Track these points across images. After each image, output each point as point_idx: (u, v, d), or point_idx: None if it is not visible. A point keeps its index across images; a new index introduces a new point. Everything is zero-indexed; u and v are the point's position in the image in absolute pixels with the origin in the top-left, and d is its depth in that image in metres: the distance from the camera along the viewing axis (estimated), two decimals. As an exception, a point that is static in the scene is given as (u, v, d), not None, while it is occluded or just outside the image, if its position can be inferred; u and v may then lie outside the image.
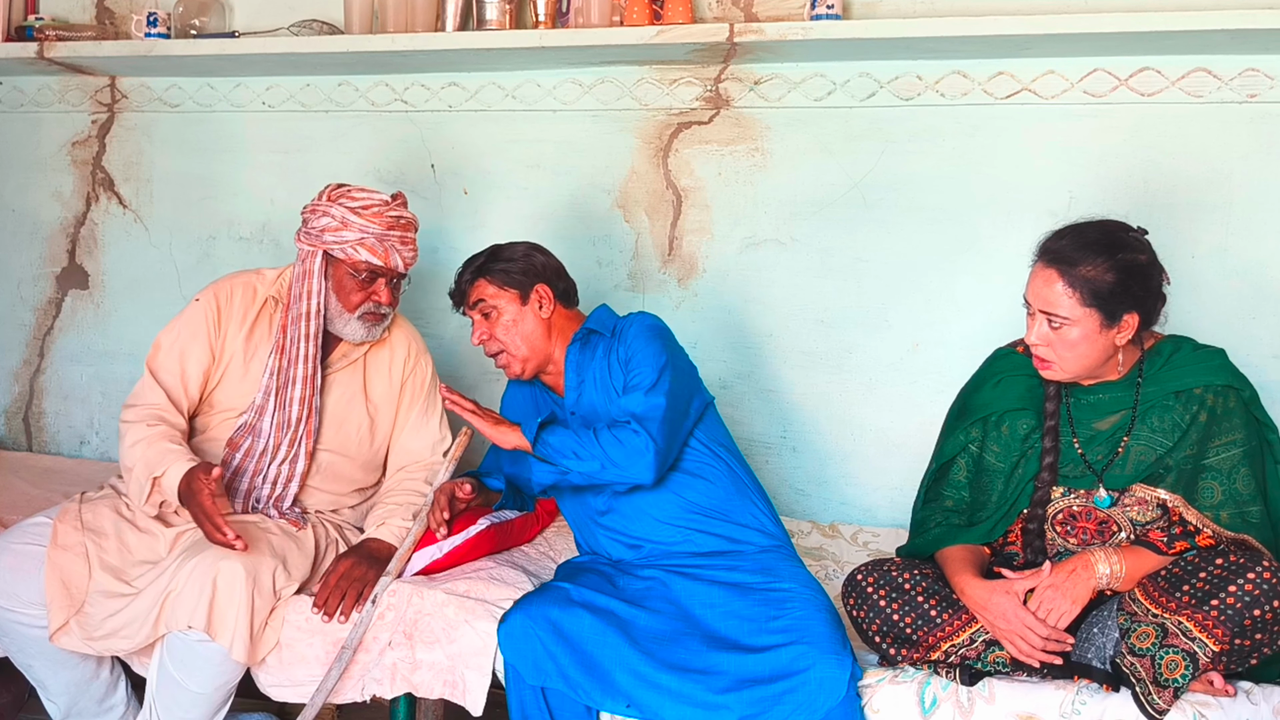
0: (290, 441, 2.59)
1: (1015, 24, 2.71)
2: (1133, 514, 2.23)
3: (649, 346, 2.50)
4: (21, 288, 3.73)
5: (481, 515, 2.64)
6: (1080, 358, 2.20)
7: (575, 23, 3.05)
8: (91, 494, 2.66)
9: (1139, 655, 2.04)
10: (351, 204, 2.56)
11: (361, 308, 2.61)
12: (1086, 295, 2.14)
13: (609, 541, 2.54)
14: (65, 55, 3.33)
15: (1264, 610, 1.99)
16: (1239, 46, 2.75)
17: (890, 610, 2.22)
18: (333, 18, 3.26)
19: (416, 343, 2.82)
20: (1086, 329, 2.17)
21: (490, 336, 2.59)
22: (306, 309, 2.58)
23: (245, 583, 2.33)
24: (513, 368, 2.61)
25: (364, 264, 2.56)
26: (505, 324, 2.58)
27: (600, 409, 2.52)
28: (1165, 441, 2.22)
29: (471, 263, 2.64)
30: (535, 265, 2.61)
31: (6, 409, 3.77)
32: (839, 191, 3.08)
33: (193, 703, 2.40)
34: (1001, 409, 2.36)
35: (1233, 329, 2.72)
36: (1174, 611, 2.03)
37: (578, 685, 2.25)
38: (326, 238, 2.56)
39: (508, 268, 2.59)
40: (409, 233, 2.62)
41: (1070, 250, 2.18)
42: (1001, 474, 2.34)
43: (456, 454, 2.61)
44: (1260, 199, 2.84)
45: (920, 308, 3.06)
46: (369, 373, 2.73)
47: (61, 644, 2.44)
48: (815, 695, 2.13)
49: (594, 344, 2.59)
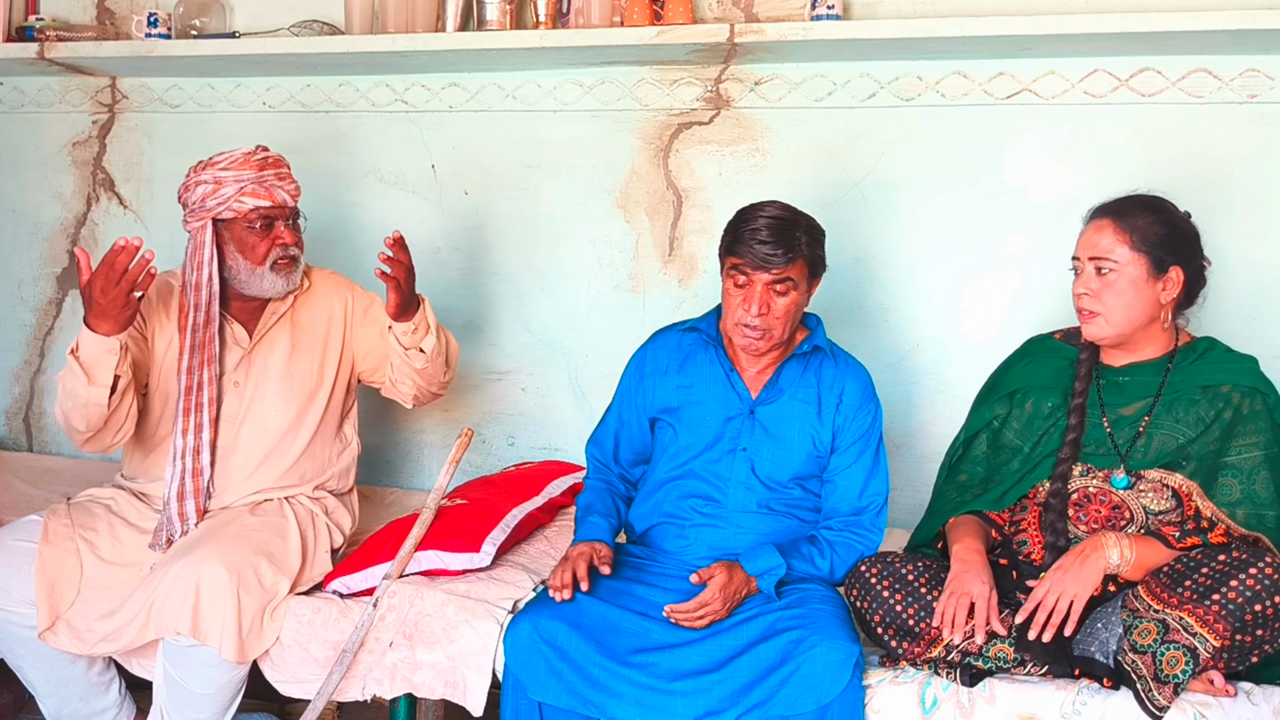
0: (186, 410, 2.56)
1: (1015, 24, 2.71)
2: (1146, 500, 2.23)
3: (875, 426, 2.49)
4: (22, 288, 3.73)
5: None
6: (1126, 306, 2.22)
7: (575, 23, 3.05)
8: (86, 493, 2.66)
9: (1140, 652, 2.04)
10: (217, 166, 2.57)
11: (270, 256, 2.60)
12: (1136, 240, 2.21)
13: (694, 534, 2.47)
14: (66, 56, 3.33)
15: (1265, 605, 1.99)
16: (1239, 47, 2.75)
17: (893, 601, 2.22)
18: (333, 18, 3.26)
19: (341, 280, 2.82)
20: (1134, 275, 2.21)
21: (767, 312, 2.38)
22: (198, 279, 2.58)
23: (229, 582, 2.34)
24: (761, 346, 2.42)
25: (253, 211, 2.56)
26: (787, 305, 2.39)
27: (784, 433, 2.45)
28: (1188, 432, 2.24)
29: (787, 227, 2.38)
30: (824, 252, 2.46)
31: (6, 409, 3.77)
32: (839, 192, 3.08)
33: (199, 703, 2.41)
34: (1028, 386, 2.40)
35: (1233, 329, 2.71)
36: (1175, 606, 2.03)
37: (587, 701, 2.24)
38: (209, 204, 2.56)
39: (818, 247, 2.43)
40: (282, 168, 2.63)
41: (1121, 205, 2.27)
42: (1020, 451, 2.36)
43: (457, 456, 2.60)
44: (1261, 199, 2.85)
45: (920, 308, 3.06)
46: (302, 324, 2.72)
47: (50, 643, 2.44)
48: (819, 676, 2.13)
49: (815, 362, 2.51)
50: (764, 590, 2.35)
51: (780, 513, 2.46)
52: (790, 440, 2.46)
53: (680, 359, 2.56)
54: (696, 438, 2.50)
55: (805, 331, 2.54)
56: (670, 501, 2.51)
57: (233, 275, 2.62)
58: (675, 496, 2.50)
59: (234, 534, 2.47)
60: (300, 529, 2.58)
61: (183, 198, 2.62)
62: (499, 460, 3.35)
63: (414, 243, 3.30)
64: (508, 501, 2.73)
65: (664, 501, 2.52)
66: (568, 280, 3.30)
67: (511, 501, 2.74)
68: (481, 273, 3.35)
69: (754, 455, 2.46)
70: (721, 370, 2.51)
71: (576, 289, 3.29)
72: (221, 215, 2.56)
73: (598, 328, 3.26)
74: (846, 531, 2.44)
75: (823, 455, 2.48)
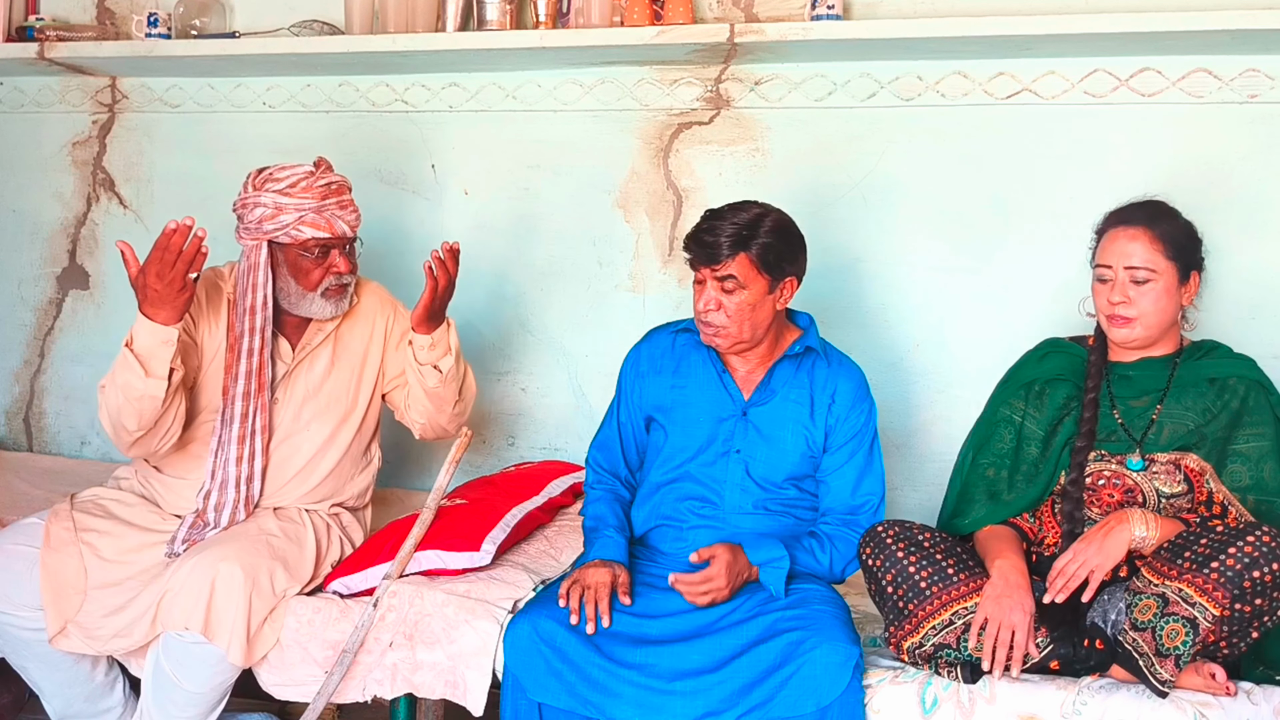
0: (241, 438, 2.55)
1: (1016, 24, 2.71)
2: (1159, 482, 2.26)
3: (869, 425, 2.49)
4: (22, 288, 3.73)
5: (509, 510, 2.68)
6: (1161, 312, 2.28)
7: (576, 23, 3.05)
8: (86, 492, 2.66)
9: (1141, 629, 2.06)
10: (277, 186, 2.51)
11: (323, 283, 2.57)
12: (1169, 248, 2.28)
13: (692, 535, 2.46)
14: (66, 56, 3.33)
15: (1264, 572, 2.00)
16: (1239, 47, 2.75)
17: (908, 562, 2.22)
18: (333, 18, 3.26)
19: (385, 297, 2.78)
20: (1168, 282, 2.28)
21: (718, 309, 2.39)
22: (253, 302, 2.54)
23: (244, 585, 2.33)
24: (720, 342, 2.43)
25: (312, 241, 2.52)
26: (740, 304, 2.38)
27: (778, 434, 2.45)
28: (1198, 419, 2.28)
29: (730, 225, 2.37)
30: (798, 255, 2.44)
31: (7, 409, 3.77)
32: (839, 192, 3.08)
33: (188, 701, 2.40)
34: (1043, 378, 2.43)
35: (1233, 329, 2.72)
36: (1175, 578, 2.05)
37: (586, 701, 2.24)
38: (266, 227, 2.51)
39: (772, 248, 2.38)
40: (344, 196, 2.57)
41: (1146, 213, 2.33)
42: (1038, 440, 2.38)
43: (457, 456, 2.60)
44: (1261, 199, 2.85)
45: (920, 308, 3.06)
46: (345, 343, 2.69)
47: (62, 647, 2.44)
48: (819, 678, 2.13)
49: (808, 363, 2.50)
50: (771, 587, 2.34)
51: (777, 513, 2.47)
52: (784, 441, 2.46)
53: (674, 360, 2.56)
54: (690, 439, 2.50)
55: (798, 331, 2.54)
56: (668, 504, 2.51)
57: (281, 295, 2.58)
58: (673, 499, 2.51)
59: (254, 536, 2.47)
60: (316, 539, 2.59)
61: (238, 210, 2.58)
62: (499, 460, 3.35)
63: (414, 243, 3.33)
64: (507, 501, 2.73)
65: (662, 504, 2.52)
66: (568, 280, 3.30)
67: (511, 501, 2.74)
68: (481, 273, 3.35)
69: (748, 457, 2.46)
70: (714, 371, 2.51)
71: (576, 289, 3.29)
72: (277, 239, 2.53)
73: (598, 328, 3.26)
74: (845, 528, 2.45)
75: (816, 455, 2.48)
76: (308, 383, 2.65)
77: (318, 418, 2.65)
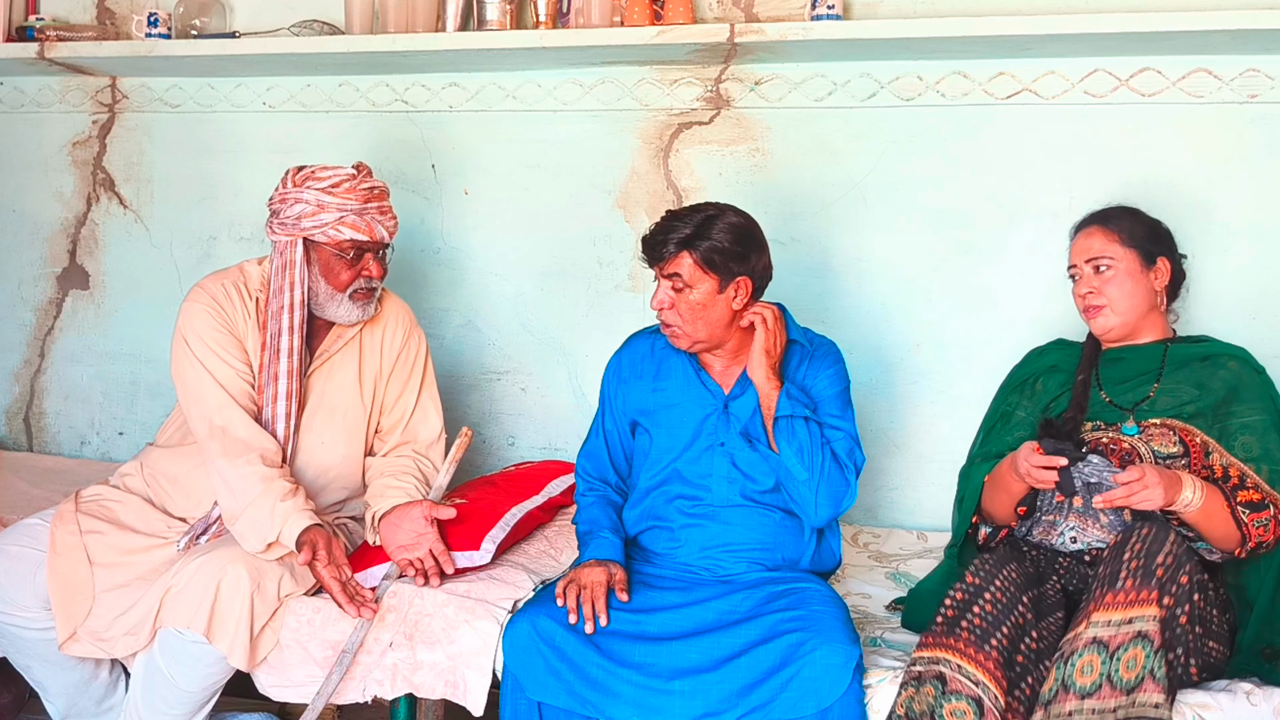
0: (285, 439, 2.54)
1: (1016, 24, 2.72)
2: (1155, 444, 2.31)
3: (846, 391, 2.49)
4: (22, 288, 3.73)
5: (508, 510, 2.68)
6: (1128, 295, 2.40)
7: (576, 23, 3.05)
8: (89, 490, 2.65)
9: (1099, 690, 1.97)
10: (320, 184, 2.51)
11: (352, 286, 2.56)
12: (1124, 237, 2.42)
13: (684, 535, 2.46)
14: (66, 56, 3.33)
15: (1165, 555, 2.02)
16: (1239, 47, 2.75)
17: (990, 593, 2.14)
18: (333, 18, 3.26)
19: (409, 317, 2.77)
20: (1129, 267, 2.40)
21: (671, 306, 2.41)
22: (289, 300, 2.53)
23: (249, 588, 2.33)
24: (679, 342, 2.45)
25: (349, 242, 2.51)
26: (691, 303, 2.40)
27: (760, 423, 2.44)
28: (1193, 391, 2.35)
29: (681, 225, 2.40)
30: (750, 256, 2.42)
31: (7, 409, 3.77)
32: (839, 191, 3.08)
33: (178, 699, 2.39)
34: (1039, 371, 2.53)
35: (1233, 329, 2.72)
36: (1104, 609, 2.00)
37: (585, 701, 2.24)
38: (305, 224, 2.50)
39: (718, 249, 2.37)
40: (385, 201, 2.58)
41: (1103, 213, 2.48)
42: (1028, 425, 2.46)
43: (457, 456, 2.60)
44: (1261, 199, 2.85)
45: (920, 308, 3.06)
46: (365, 351, 2.68)
47: (74, 653, 2.43)
48: (819, 680, 2.12)
49: (786, 353, 2.50)
50: (780, 408, 2.36)
51: (764, 504, 2.47)
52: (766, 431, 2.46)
53: (654, 363, 2.57)
54: (675, 439, 2.50)
55: None
56: (659, 505, 2.52)
57: (309, 295, 2.57)
58: (663, 500, 2.51)
59: None
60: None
61: (274, 206, 2.56)
62: (499, 460, 3.35)
63: (414, 243, 3.34)
64: (507, 500, 2.73)
65: (653, 506, 2.53)
66: (568, 280, 3.30)
67: (511, 500, 2.74)
68: (481, 273, 3.35)
69: (733, 449, 2.47)
70: (691, 369, 2.52)
71: (576, 289, 3.29)
72: (313, 237, 2.52)
73: (598, 328, 3.26)
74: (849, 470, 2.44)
75: None
76: (324, 394, 2.63)
77: (331, 430, 2.63)
